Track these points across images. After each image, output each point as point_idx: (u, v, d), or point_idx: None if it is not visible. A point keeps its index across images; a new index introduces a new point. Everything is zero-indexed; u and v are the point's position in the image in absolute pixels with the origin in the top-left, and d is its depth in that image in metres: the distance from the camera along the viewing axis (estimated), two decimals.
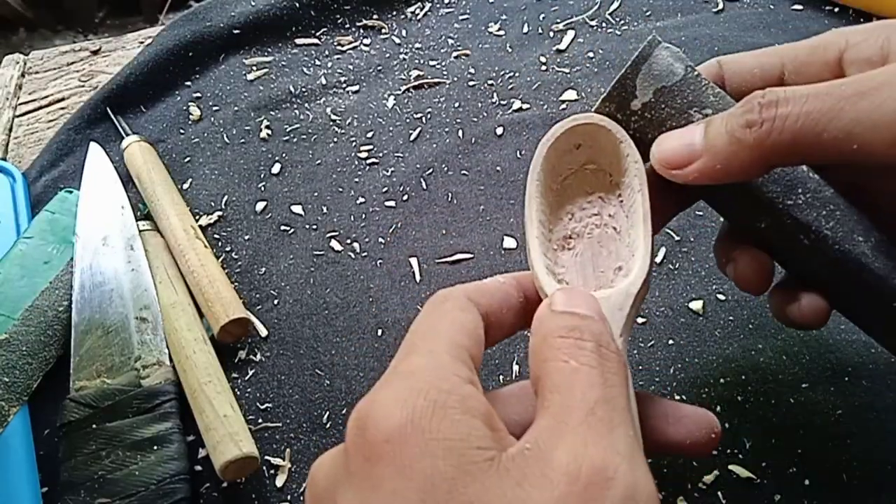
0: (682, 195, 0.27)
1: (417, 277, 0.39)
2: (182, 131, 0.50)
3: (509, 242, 0.40)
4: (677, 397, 0.31)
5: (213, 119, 0.50)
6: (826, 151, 0.21)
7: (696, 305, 0.35)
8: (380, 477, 0.17)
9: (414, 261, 0.39)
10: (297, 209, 0.43)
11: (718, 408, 0.31)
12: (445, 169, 0.45)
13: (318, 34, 0.57)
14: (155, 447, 0.31)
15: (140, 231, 0.40)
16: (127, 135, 0.47)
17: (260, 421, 0.33)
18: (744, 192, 0.24)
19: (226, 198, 0.44)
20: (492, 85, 0.50)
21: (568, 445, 0.17)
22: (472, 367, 0.20)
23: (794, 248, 0.25)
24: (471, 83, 0.51)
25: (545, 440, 0.17)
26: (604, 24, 0.55)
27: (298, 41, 0.56)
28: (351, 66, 0.54)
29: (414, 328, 0.22)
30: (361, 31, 0.57)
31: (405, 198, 0.43)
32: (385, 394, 0.18)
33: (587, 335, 0.20)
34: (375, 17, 0.58)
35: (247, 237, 0.42)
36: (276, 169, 0.46)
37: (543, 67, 0.51)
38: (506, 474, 0.17)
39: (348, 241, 0.41)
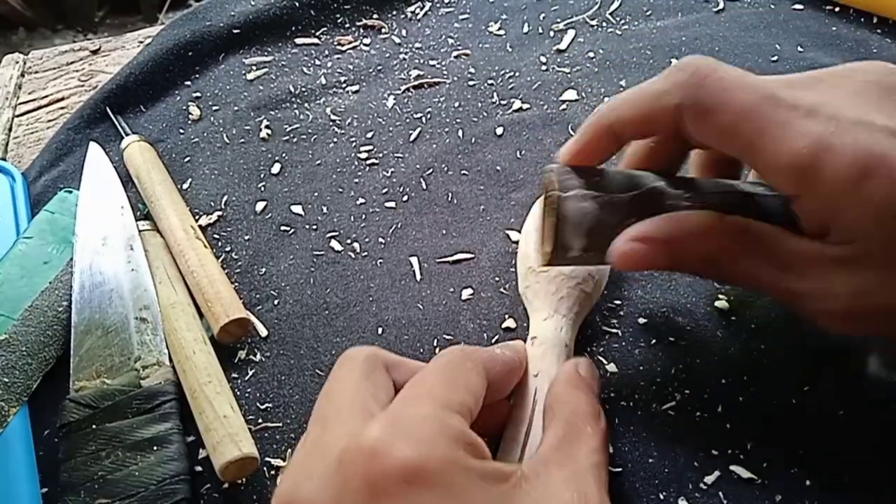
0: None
1: (418, 277, 0.39)
2: (182, 131, 0.50)
3: (509, 242, 0.39)
4: (678, 397, 0.31)
5: (212, 119, 0.50)
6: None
7: (698, 306, 0.35)
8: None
9: (414, 260, 0.39)
10: (297, 209, 0.43)
11: (720, 408, 0.31)
12: (445, 169, 0.44)
13: (318, 34, 0.57)
14: (155, 448, 0.31)
15: (140, 231, 0.40)
16: (127, 135, 0.47)
17: (260, 421, 0.33)
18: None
19: (226, 198, 0.44)
20: (492, 85, 0.50)
21: (576, 485, 0.23)
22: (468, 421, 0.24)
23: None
24: (471, 83, 0.51)
25: (555, 473, 0.23)
26: (604, 24, 0.55)
27: (298, 41, 0.56)
28: (351, 66, 0.54)
29: (435, 371, 0.25)
30: (361, 30, 0.57)
31: (405, 198, 0.43)
32: (401, 431, 0.21)
33: (602, 420, 0.26)
34: (375, 16, 0.58)
35: (247, 237, 0.42)
36: (276, 169, 0.46)
37: (544, 67, 0.51)
38: (527, 497, 0.22)
39: (348, 241, 0.41)
